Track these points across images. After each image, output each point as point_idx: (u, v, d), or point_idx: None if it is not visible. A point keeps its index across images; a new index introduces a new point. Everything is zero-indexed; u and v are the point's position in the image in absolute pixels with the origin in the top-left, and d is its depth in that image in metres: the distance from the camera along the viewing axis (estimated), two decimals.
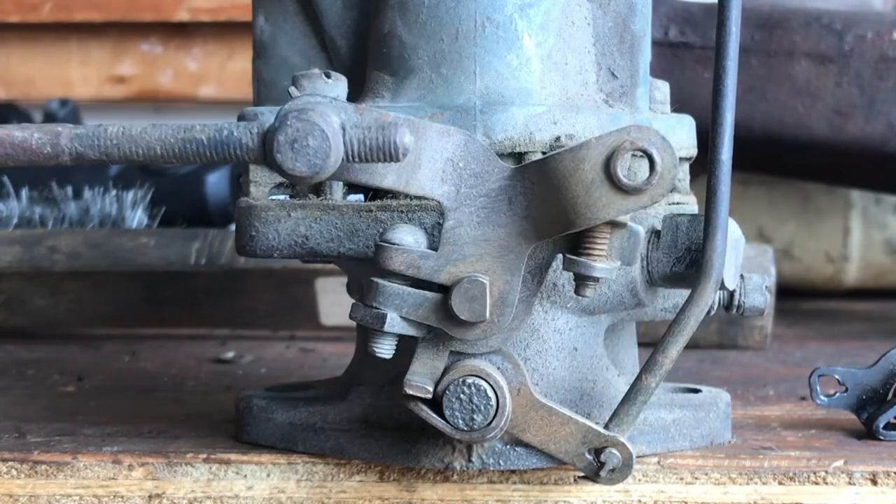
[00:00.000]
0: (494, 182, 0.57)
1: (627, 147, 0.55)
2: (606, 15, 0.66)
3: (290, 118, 0.53)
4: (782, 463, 0.64)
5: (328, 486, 0.65)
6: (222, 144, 0.54)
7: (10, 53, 1.69)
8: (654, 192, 0.55)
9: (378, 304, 0.58)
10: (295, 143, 0.53)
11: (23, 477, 0.66)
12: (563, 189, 0.56)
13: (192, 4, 1.64)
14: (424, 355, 0.59)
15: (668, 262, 0.63)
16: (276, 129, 0.53)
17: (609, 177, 0.55)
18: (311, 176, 0.53)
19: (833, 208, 1.33)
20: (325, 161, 0.53)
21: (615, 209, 0.56)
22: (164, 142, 0.54)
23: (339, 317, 1.07)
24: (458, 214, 0.57)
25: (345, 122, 0.54)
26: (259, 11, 0.70)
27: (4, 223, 1.19)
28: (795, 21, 1.03)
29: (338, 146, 0.53)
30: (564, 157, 0.56)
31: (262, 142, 0.53)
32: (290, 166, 0.53)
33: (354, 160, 0.54)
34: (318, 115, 0.53)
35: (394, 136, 0.53)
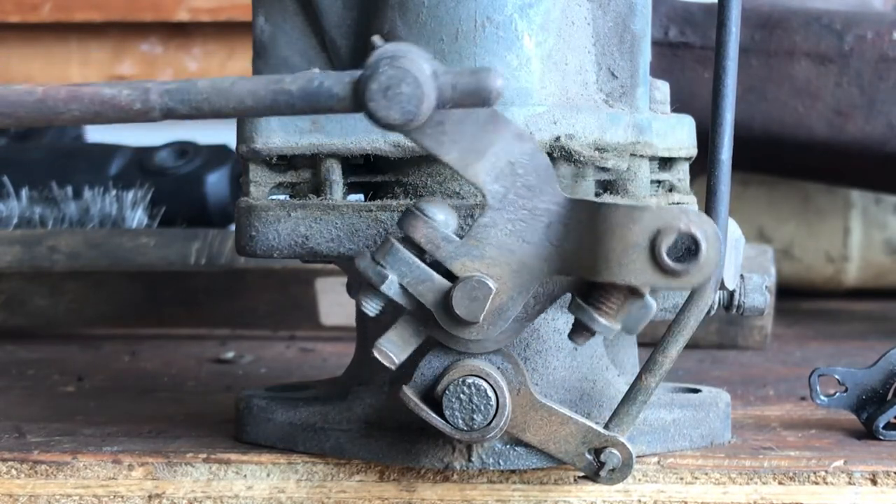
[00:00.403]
0: (543, 202, 0.56)
1: (682, 229, 0.54)
2: (606, 15, 0.66)
3: (383, 65, 0.52)
4: (782, 463, 0.64)
5: (328, 485, 0.65)
6: (313, 95, 0.53)
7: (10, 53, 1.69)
8: (688, 280, 0.55)
9: (385, 263, 0.57)
10: (388, 90, 0.52)
11: (23, 477, 0.66)
12: (605, 238, 0.55)
13: (192, 4, 1.64)
14: (403, 327, 0.59)
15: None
16: (369, 78, 0.52)
17: (653, 248, 0.54)
18: (405, 123, 0.52)
19: (833, 208, 1.33)
20: (419, 108, 0.52)
21: (644, 279, 0.55)
22: (254, 94, 0.53)
23: (339, 317, 1.07)
24: (496, 216, 0.57)
25: (436, 69, 0.53)
26: (259, 11, 0.70)
27: (4, 223, 1.19)
28: (795, 21, 1.03)
29: (430, 92, 0.52)
30: (619, 210, 0.55)
31: (353, 91, 0.52)
32: (383, 114, 0.52)
33: (446, 106, 0.53)
34: (411, 62, 0.52)
35: (486, 81, 0.52)
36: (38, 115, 0.53)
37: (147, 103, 0.53)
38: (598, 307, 0.57)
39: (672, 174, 0.70)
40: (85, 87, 0.53)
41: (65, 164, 1.26)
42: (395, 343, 0.58)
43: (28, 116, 0.53)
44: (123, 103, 0.53)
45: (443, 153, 0.55)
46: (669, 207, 0.55)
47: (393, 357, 0.58)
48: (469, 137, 0.55)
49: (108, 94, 0.53)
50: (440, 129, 0.54)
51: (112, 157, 1.27)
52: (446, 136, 0.55)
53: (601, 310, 0.57)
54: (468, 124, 0.55)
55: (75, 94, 0.53)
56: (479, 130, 0.55)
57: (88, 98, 0.53)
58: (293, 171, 0.65)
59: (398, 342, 0.58)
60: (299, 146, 0.64)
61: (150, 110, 0.53)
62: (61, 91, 0.53)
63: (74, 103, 0.53)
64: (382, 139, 0.63)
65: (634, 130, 0.64)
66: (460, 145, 0.55)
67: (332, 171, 0.64)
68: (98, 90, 0.53)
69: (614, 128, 0.63)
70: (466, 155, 0.56)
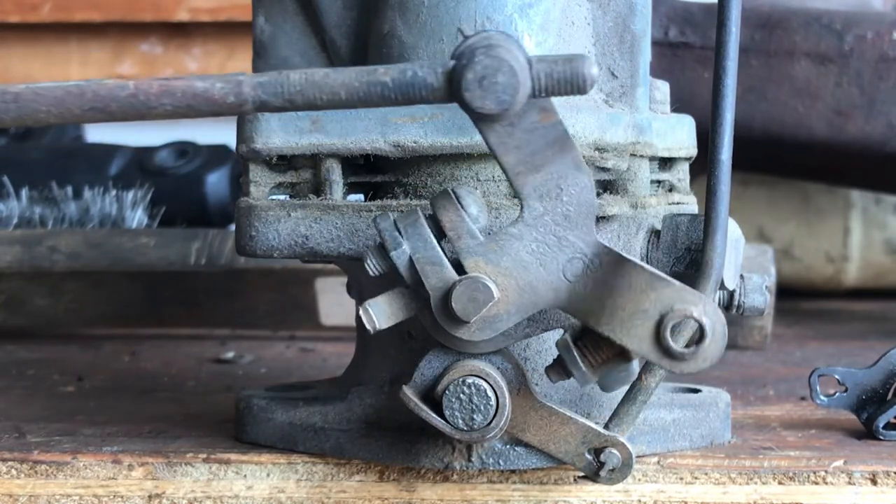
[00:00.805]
0: (574, 236, 0.56)
1: (694, 316, 0.55)
2: (606, 15, 0.66)
3: (479, 55, 0.52)
4: (782, 463, 0.64)
5: (328, 485, 0.65)
6: (407, 86, 0.52)
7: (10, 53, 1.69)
8: (682, 365, 0.55)
9: (404, 231, 0.58)
10: (483, 79, 0.51)
11: (23, 477, 0.66)
12: (619, 293, 0.56)
13: (192, 4, 1.64)
14: (395, 298, 0.59)
15: (667, 262, 0.63)
16: (465, 67, 0.52)
17: (660, 323, 0.55)
18: (500, 113, 0.52)
19: (833, 208, 1.33)
20: (514, 97, 0.52)
21: (641, 348, 0.56)
22: (347, 86, 0.52)
23: (339, 317, 1.07)
24: (525, 231, 0.57)
25: (531, 57, 0.52)
26: (259, 11, 0.70)
27: (4, 223, 1.19)
28: (795, 21, 1.03)
29: (526, 81, 0.52)
30: (642, 273, 0.55)
31: (447, 80, 0.52)
32: (478, 104, 0.52)
33: (541, 94, 0.52)
34: (506, 51, 0.52)
35: (581, 68, 0.52)
36: (130, 109, 0.53)
37: (240, 96, 0.53)
38: (584, 354, 0.57)
39: (672, 174, 0.70)
40: (177, 80, 0.53)
41: (65, 164, 1.26)
42: (382, 309, 0.58)
43: (120, 110, 0.53)
44: (217, 96, 0.53)
45: (501, 154, 0.55)
46: (692, 291, 0.55)
47: (375, 321, 0.58)
48: (532, 149, 0.55)
49: (201, 87, 0.52)
50: (509, 131, 0.54)
51: (112, 157, 1.27)
52: (512, 139, 0.54)
53: (586, 358, 0.57)
54: (537, 136, 0.54)
55: (167, 88, 0.52)
56: (544, 146, 0.55)
57: (181, 92, 0.53)
58: (293, 171, 0.65)
59: (385, 309, 0.58)
60: (299, 146, 0.64)
61: (243, 103, 0.53)
62: (153, 85, 0.53)
63: (167, 97, 0.53)
64: (382, 139, 0.63)
65: (634, 130, 0.64)
66: (521, 153, 0.55)
67: (332, 171, 0.64)
68: (190, 84, 0.53)
69: (614, 128, 0.63)
70: (522, 164, 0.55)
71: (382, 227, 0.58)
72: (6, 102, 0.53)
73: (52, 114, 0.53)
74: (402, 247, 0.57)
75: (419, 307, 0.58)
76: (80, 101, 0.53)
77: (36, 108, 0.53)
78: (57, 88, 0.53)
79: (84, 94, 0.53)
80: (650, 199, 0.65)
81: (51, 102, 0.53)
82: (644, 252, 0.63)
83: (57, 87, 0.53)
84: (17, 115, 0.53)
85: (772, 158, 1.09)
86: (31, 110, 0.53)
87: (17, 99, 0.53)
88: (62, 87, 0.53)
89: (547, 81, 0.52)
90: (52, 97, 0.53)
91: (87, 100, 0.53)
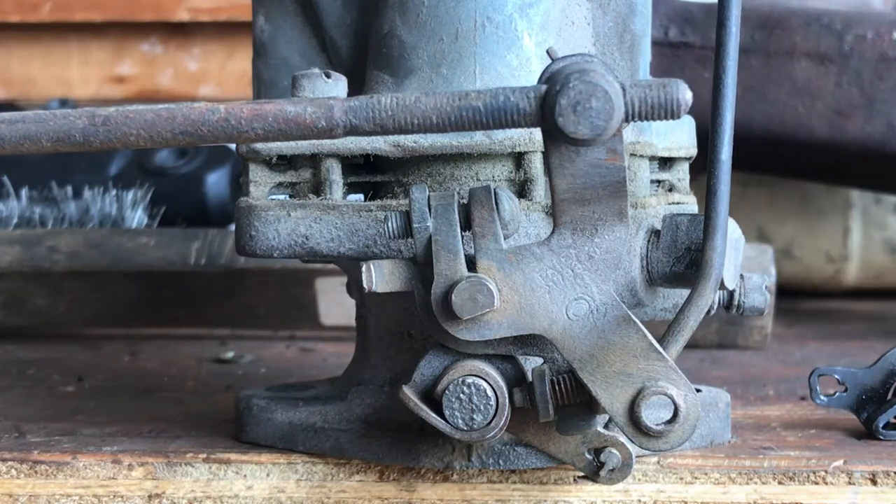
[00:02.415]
0: (590, 279, 0.56)
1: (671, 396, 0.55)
2: (606, 15, 0.66)
3: (573, 80, 0.51)
4: (782, 463, 0.64)
5: (328, 485, 0.65)
6: (499, 111, 0.52)
7: (10, 53, 1.69)
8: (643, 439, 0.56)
9: (434, 209, 0.57)
10: (577, 105, 0.51)
11: (23, 477, 0.66)
12: (612, 349, 0.56)
13: (192, 4, 1.64)
14: (400, 267, 0.59)
15: (667, 262, 0.63)
16: (559, 93, 0.51)
17: (638, 393, 0.56)
18: (593, 138, 0.52)
19: (833, 208, 1.33)
20: (608, 122, 0.51)
21: (613, 408, 0.56)
22: (439, 111, 0.52)
23: (339, 317, 1.07)
24: (546, 254, 0.57)
25: (623, 82, 0.52)
26: (259, 11, 0.70)
27: (4, 223, 1.19)
28: (795, 21, 1.03)
29: (620, 107, 0.52)
30: (642, 340, 0.56)
31: (540, 106, 0.52)
32: (572, 129, 0.52)
33: (633, 119, 0.52)
34: (600, 76, 0.51)
35: (676, 93, 0.52)
36: (221, 133, 0.53)
37: (331, 121, 0.52)
38: (554, 390, 0.58)
39: (672, 174, 0.70)
40: (267, 104, 0.53)
41: (65, 164, 1.26)
42: (383, 273, 0.58)
43: (211, 134, 0.53)
44: (308, 121, 0.52)
45: (556, 175, 0.55)
46: (681, 375, 0.56)
47: (374, 282, 0.58)
48: (586, 182, 0.55)
49: (292, 112, 0.52)
50: (572, 158, 0.54)
51: (112, 157, 1.27)
52: (573, 167, 0.54)
53: (556, 394, 0.58)
54: (596, 174, 0.54)
55: (258, 113, 0.52)
56: (599, 185, 0.55)
57: (272, 116, 0.52)
58: (293, 171, 0.65)
59: (386, 274, 0.58)
60: (299, 146, 0.64)
61: (334, 127, 0.52)
62: (244, 109, 0.52)
63: (258, 122, 0.52)
64: (382, 139, 0.63)
65: (634, 130, 0.64)
66: (575, 182, 0.55)
67: (332, 171, 0.64)
68: (282, 108, 0.52)
69: None
70: (570, 193, 0.55)
71: (416, 196, 0.58)
72: (96, 126, 0.53)
73: (143, 137, 0.53)
74: (426, 222, 0.57)
75: (419, 286, 0.58)
76: (171, 125, 0.52)
77: (126, 132, 0.53)
78: (147, 112, 0.53)
79: (175, 119, 0.52)
80: (650, 199, 0.65)
81: (141, 126, 0.53)
82: (644, 252, 0.63)
83: (147, 110, 0.53)
84: (106, 139, 0.53)
85: (772, 158, 1.09)
86: (121, 134, 0.53)
87: (106, 122, 0.53)
88: (153, 110, 0.53)
89: (640, 106, 0.52)
90: (142, 121, 0.52)
91: (178, 124, 0.52)
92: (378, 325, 0.67)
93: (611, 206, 0.55)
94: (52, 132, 0.53)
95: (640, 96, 0.52)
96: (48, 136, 0.53)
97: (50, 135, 0.53)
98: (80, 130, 0.53)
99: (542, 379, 0.57)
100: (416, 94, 0.53)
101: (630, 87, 0.52)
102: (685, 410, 0.55)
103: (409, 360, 0.63)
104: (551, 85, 0.52)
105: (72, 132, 0.53)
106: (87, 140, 0.53)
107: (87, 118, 0.53)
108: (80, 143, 0.53)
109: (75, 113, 0.53)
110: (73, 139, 0.53)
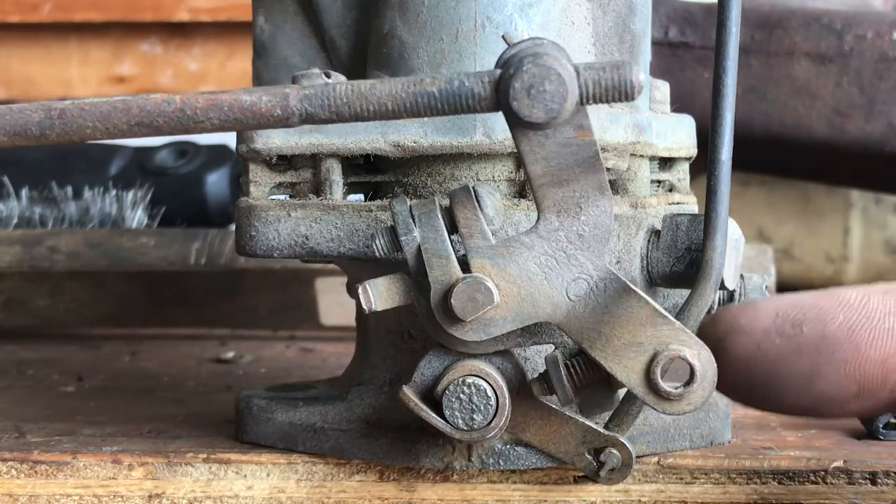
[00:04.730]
0: (584, 256, 0.56)
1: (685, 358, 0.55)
2: (606, 15, 0.66)
3: (526, 64, 0.51)
4: (782, 463, 0.64)
5: (328, 485, 0.65)
6: (454, 95, 0.52)
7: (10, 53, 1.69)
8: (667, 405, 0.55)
9: (418, 219, 0.58)
10: (531, 88, 0.51)
11: (23, 477, 0.66)
12: (618, 322, 0.56)
13: (192, 4, 1.64)
14: (396, 282, 0.58)
15: (668, 262, 0.63)
16: (512, 76, 0.52)
17: (652, 360, 0.55)
18: (548, 121, 0.52)
19: (833, 208, 1.33)
20: (563, 105, 0.52)
21: (629, 380, 0.56)
22: (394, 97, 0.52)
23: (339, 317, 1.07)
24: (536, 241, 0.57)
25: (577, 65, 0.52)
26: (259, 11, 0.70)
27: (4, 223, 1.19)
28: (795, 21, 1.03)
29: (574, 89, 0.52)
30: (645, 307, 0.56)
31: (494, 90, 0.52)
32: (526, 113, 0.52)
33: (589, 102, 0.52)
34: (554, 59, 0.52)
35: (629, 75, 0.52)
36: (176, 124, 0.53)
37: (287, 110, 0.52)
38: (570, 374, 0.57)
39: (672, 174, 0.70)
40: (223, 94, 0.53)
41: (65, 164, 1.26)
42: (381, 291, 0.58)
43: (167, 125, 0.53)
44: (263, 110, 0.52)
45: (529, 162, 0.55)
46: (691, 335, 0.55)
47: (372, 301, 0.58)
48: (561, 163, 0.55)
49: (248, 101, 0.52)
50: (542, 142, 0.54)
51: (112, 157, 1.27)
52: (543, 150, 0.54)
53: (572, 378, 0.57)
54: (568, 152, 0.54)
55: (214, 103, 0.52)
56: (573, 163, 0.55)
57: (227, 106, 0.52)
58: (293, 171, 0.65)
59: (384, 292, 0.58)
60: (299, 146, 0.64)
61: (289, 116, 0.52)
62: (200, 99, 0.52)
63: (213, 111, 0.53)
64: (382, 139, 0.63)
65: (634, 130, 0.64)
66: (549, 165, 0.55)
67: (332, 171, 0.64)
68: (237, 97, 0.52)
69: (614, 127, 0.63)
70: (548, 176, 0.55)
71: (397, 210, 0.58)
72: (52, 119, 0.53)
73: (99, 129, 0.53)
74: (412, 233, 0.57)
75: (418, 297, 0.58)
76: (127, 116, 0.52)
77: (82, 125, 0.53)
78: (103, 104, 0.53)
79: (130, 110, 0.52)
80: (650, 199, 0.65)
81: (97, 118, 0.53)
82: (644, 252, 0.63)
83: (103, 102, 0.53)
84: (63, 132, 0.53)
85: (772, 158, 1.09)
86: (77, 126, 0.53)
87: (62, 115, 0.53)
88: (108, 102, 0.53)
89: (595, 89, 0.52)
90: (98, 113, 0.52)
91: (133, 115, 0.53)
92: (378, 325, 0.67)
93: (589, 181, 0.55)
94: (9, 126, 0.53)
95: (594, 78, 0.52)
96: (4, 129, 0.53)
97: (6, 129, 0.53)
98: (36, 124, 0.53)
99: (555, 365, 0.57)
100: (371, 81, 0.53)
101: (584, 70, 0.52)
102: (701, 368, 0.55)
103: (409, 360, 0.63)
104: (505, 69, 0.52)
105: (28, 126, 0.53)
106: (43, 133, 0.53)
107: (44, 111, 0.53)
108: (37, 137, 0.53)
109: (31, 106, 0.53)
110: (29, 133, 0.53)
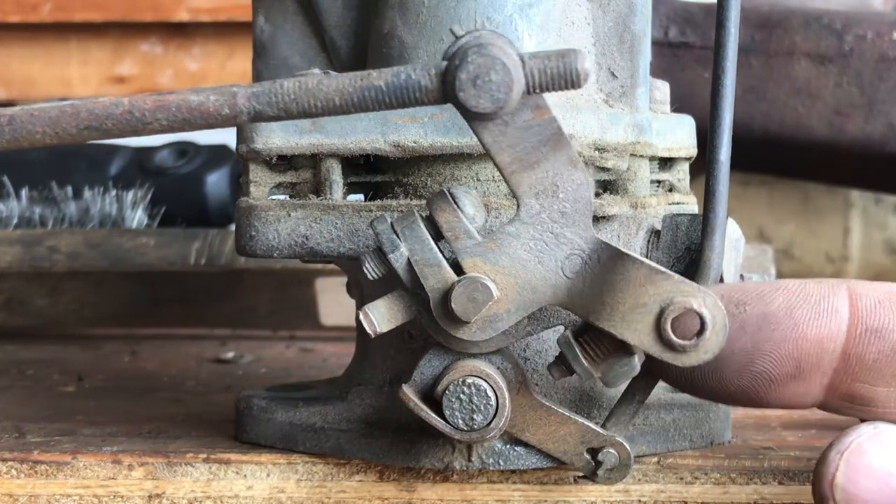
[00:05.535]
0: (571, 232, 0.56)
1: (694, 308, 0.55)
2: (606, 15, 0.66)
3: (471, 54, 0.52)
4: (782, 463, 0.64)
5: (328, 485, 0.65)
6: (401, 89, 0.52)
7: (10, 53, 1.69)
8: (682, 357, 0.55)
9: (401, 233, 0.57)
10: (477, 79, 0.52)
11: (23, 477, 0.66)
12: (618, 288, 0.55)
13: (192, 4, 1.64)
14: (395, 301, 0.58)
15: (667, 262, 0.63)
16: (458, 68, 0.52)
17: (660, 316, 0.55)
18: (495, 111, 0.52)
19: (833, 208, 1.33)
20: (509, 94, 0.52)
21: (642, 342, 0.55)
22: (342, 92, 0.52)
23: (339, 317, 1.07)
24: (523, 229, 0.56)
25: (522, 54, 0.52)
26: (259, 11, 0.70)
27: (4, 223, 1.19)
28: (795, 21, 1.03)
29: (520, 78, 0.52)
30: (641, 268, 0.55)
31: (441, 82, 0.52)
32: (473, 104, 0.52)
33: (535, 90, 0.52)
34: (498, 49, 0.52)
35: (574, 63, 0.52)
36: (125, 126, 0.53)
37: (235, 108, 0.53)
38: (585, 350, 0.57)
39: (672, 174, 0.70)
40: (171, 95, 0.53)
41: (65, 164, 1.26)
42: (382, 313, 0.58)
43: (116, 128, 0.53)
44: (212, 109, 0.53)
45: (496, 153, 0.55)
46: (691, 284, 0.55)
47: (375, 325, 0.58)
48: (526, 146, 0.55)
49: (195, 101, 0.53)
50: (502, 130, 0.54)
51: (112, 157, 1.27)
52: (506, 138, 0.54)
53: (588, 354, 0.57)
54: (531, 134, 0.54)
55: (162, 104, 0.53)
56: (539, 143, 0.55)
57: (175, 106, 0.53)
58: (293, 171, 0.65)
59: (385, 313, 0.58)
60: (299, 146, 0.64)
61: (238, 114, 0.53)
62: (147, 101, 0.53)
63: (161, 112, 0.53)
64: (382, 139, 0.63)
65: (634, 130, 0.64)
66: (515, 151, 0.55)
67: (332, 171, 0.64)
68: (185, 98, 0.53)
69: (614, 128, 0.63)
70: (517, 162, 0.55)
71: (379, 229, 0.58)
72: (1, 126, 0.53)
73: (48, 135, 0.53)
74: (399, 249, 0.57)
75: (419, 309, 0.58)
76: (76, 120, 0.53)
77: (31, 130, 0.53)
78: (52, 109, 0.53)
79: (79, 114, 0.53)
80: (650, 199, 0.65)
81: (46, 123, 0.53)
82: (644, 252, 0.63)
83: (52, 107, 0.53)
84: (13, 138, 0.53)
85: (772, 158, 1.10)
86: (26, 132, 0.53)
87: (11, 122, 0.53)
88: (57, 107, 0.53)
89: (540, 77, 0.52)
90: (46, 118, 0.53)
91: (82, 119, 0.53)
92: None
93: (559, 158, 0.55)
94: None
95: (540, 67, 0.52)
96: None
97: None
98: None
99: (569, 345, 0.57)
100: (318, 77, 0.53)
101: (529, 59, 0.52)
102: (710, 315, 0.54)
103: (409, 360, 0.63)
104: (451, 61, 0.52)
105: None
106: None
107: None
108: None
109: None
110: None
